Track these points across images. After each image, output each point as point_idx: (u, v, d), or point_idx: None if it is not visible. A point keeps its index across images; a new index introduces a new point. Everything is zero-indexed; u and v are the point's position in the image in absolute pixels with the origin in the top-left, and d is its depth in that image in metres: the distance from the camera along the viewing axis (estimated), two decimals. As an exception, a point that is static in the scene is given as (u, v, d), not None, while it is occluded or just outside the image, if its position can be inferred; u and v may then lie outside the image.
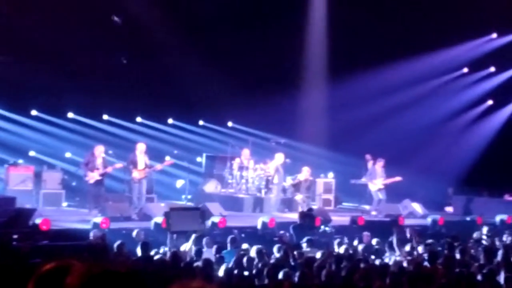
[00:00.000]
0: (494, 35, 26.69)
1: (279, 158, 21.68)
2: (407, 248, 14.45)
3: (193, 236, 14.21)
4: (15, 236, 14.07)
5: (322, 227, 18.13)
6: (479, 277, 11.21)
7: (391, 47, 24.34)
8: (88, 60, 21.61)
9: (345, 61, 24.31)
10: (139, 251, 12.80)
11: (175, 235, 14.78)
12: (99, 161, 18.58)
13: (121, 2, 21.97)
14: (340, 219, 19.73)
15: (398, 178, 21.99)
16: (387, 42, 24.26)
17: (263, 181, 21.87)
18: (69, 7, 20.65)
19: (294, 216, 18.94)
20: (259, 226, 17.46)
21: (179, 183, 22.85)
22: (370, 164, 23.15)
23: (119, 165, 19.20)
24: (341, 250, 14.15)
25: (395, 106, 25.31)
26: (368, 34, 24.48)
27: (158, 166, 19.79)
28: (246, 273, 11.35)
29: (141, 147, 19.06)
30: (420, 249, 14.40)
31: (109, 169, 18.81)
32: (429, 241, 15.66)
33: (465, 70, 27.42)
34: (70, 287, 3.37)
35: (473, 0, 23.80)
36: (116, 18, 22.47)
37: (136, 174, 18.77)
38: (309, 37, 26.35)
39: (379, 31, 24.27)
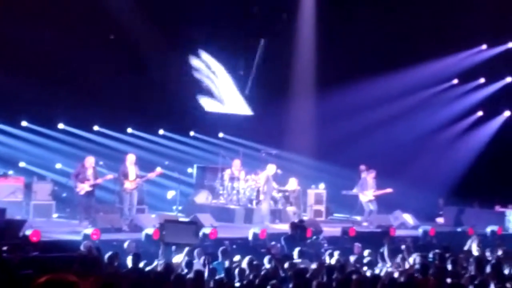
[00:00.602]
0: (484, 47, 26.80)
1: (271, 169, 21.68)
2: (398, 259, 14.43)
3: (186, 249, 14.17)
4: (4, 248, 13.98)
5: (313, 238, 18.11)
6: (470, 288, 11.21)
7: (381, 58, 24.46)
8: (79, 71, 21.60)
9: (335, 72, 24.39)
10: (129, 263, 12.75)
11: (169, 247, 14.73)
12: (89, 172, 18.55)
13: (113, 16, 21.96)
14: (332, 230, 19.72)
15: (389, 190, 22.01)
16: (377, 54, 24.38)
17: (254, 192, 21.86)
18: (61, 19, 20.66)
19: (285, 227, 18.92)
20: (250, 237, 17.41)
21: (170, 194, 22.80)
22: (364, 174, 23.14)
23: (110, 176, 19.17)
24: (333, 261, 14.11)
25: (386, 118, 25.37)
26: (357, 46, 24.59)
27: (150, 175, 19.76)
28: (237, 284, 11.32)
29: (131, 158, 19.07)
30: (411, 260, 14.37)
31: (99, 181, 18.78)
32: (420, 252, 15.63)
33: (455, 81, 27.51)
34: None
35: (462, 12, 23.90)
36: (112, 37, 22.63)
37: (128, 185, 18.75)
38: (299, 48, 26.42)
39: (369, 42, 24.40)
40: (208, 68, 26.37)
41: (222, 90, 26.71)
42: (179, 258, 13.70)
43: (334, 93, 24.35)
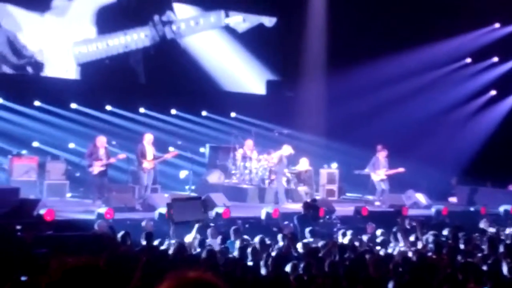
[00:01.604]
0: (497, 25, 26.64)
1: (286, 149, 21.51)
2: (412, 238, 14.44)
3: (196, 225, 14.25)
4: (18, 227, 14.09)
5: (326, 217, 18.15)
6: (484, 267, 11.20)
7: (393, 37, 24.32)
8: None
9: (347, 51, 24.31)
10: (143, 241, 12.83)
11: (180, 226, 14.82)
12: (101, 152, 18.62)
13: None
14: (344, 209, 19.72)
15: (401, 169, 21.96)
16: (389, 33, 24.25)
17: (266, 172, 21.88)
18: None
19: (297, 207, 18.94)
20: (263, 217, 17.45)
21: (183, 174, 22.85)
22: (380, 154, 22.85)
23: (122, 155, 19.22)
24: (345, 240, 14.14)
25: (398, 97, 25.28)
26: (369, 25, 24.48)
27: (166, 156, 19.83)
28: (250, 263, 11.36)
29: (148, 137, 19.12)
30: (425, 239, 14.38)
31: (112, 160, 18.87)
32: (433, 231, 15.64)
33: (468, 60, 27.37)
34: (52, 276, 3.44)
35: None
36: None
37: (146, 165, 18.81)
38: (310, 27, 26.34)
39: (381, 21, 24.26)
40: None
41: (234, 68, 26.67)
42: (190, 237, 13.77)
43: (346, 73, 24.26)
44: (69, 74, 23.12)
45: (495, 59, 27.12)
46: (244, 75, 26.75)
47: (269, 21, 26.37)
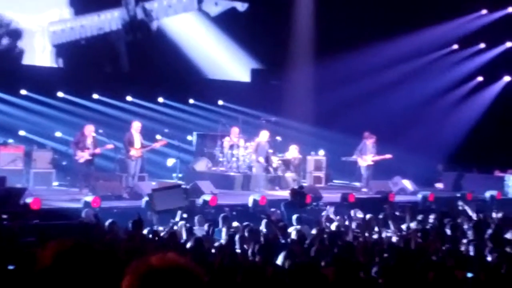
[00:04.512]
0: (484, 11, 26.67)
1: (263, 135, 21.75)
2: (398, 224, 14.49)
3: (179, 212, 14.31)
4: (5, 216, 14.04)
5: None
6: (470, 253, 11.27)
7: (379, 24, 24.34)
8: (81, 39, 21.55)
9: (334, 39, 24.29)
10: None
11: (164, 215, 14.87)
12: (89, 141, 18.55)
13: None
14: (331, 196, 19.77)
15: (388, 156, 22.02)
16: (375, 20, 24.27)
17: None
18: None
19: (285, 194, 18.98)
20: (250, 204, 17.46)
21: (170, 162, 22.83)
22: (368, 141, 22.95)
23: (110, 146, 19.13)
24: (332, 227, 14.18)
25: (385, 84, 25.31)
26: (356, 12, 24.46)
27: (155, 145, 19.82)
28: (238, 251, 11.37)
29: (136, 125, 19.11)
30: (412, 225, 14.44)
31: (98, 150, 18.73)
32: (420, 217, 15.71)
33: (455, 46, 27.42)
34: (43, 262, 3.29)
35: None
36: None
37: (134, 153, 18.80)
38: (297, 14, 26.31)
39: (367, 8, 24.26)
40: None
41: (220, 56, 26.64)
42: (177, 225, 13.77)
43: (333, 60, 24.24)
44: (45, 55, 23.06)
45: (482, 45, 27.17)
46: (228, 62, 26.72)
47: (241, 6, 26.22)
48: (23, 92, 22.42)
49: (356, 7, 24.39)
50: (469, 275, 8.93)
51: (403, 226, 14.44)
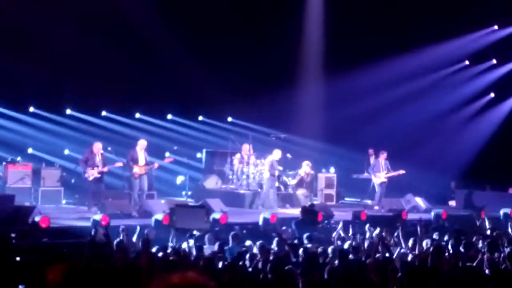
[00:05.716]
0: (495, 27, 26.54)
1: (276, 154, 21.52)
2: (411, 242, 14.27)
3: (196, 233, 14.10)
4: (13, 235, 13.91)
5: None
6: (486, 271, 11.04)
7: (390, 41, 24.18)
8: (87, 57, 21.42)
9: (344, 55, 24.16)
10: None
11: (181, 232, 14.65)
12: (98, 158, 18.46)
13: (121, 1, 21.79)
14: (343, 214, 19.55)
15: (401, 171, 21.86)
16: (387, 35, 24.10)
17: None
18: (71, 7, 20.60)
19: (296, 212, 18.77)
20: (260, 222, 17.29)
21: (179, 180, 22.69)
22: (372, 159, 22.99)
23: (118, 164, 19.06)
24: (345, 245, 13.96)
25: (397, 100, 25.15)
26: (367, 27, 24.33)
27: (161, 163, 19.70)
28: (249, 269, 11.18)
29: (142, 144, 19.03)
30: (425, 243, 14.20)
31: (106, 169, 18.62)
32: (435, 235, 15.49)
33: (467, 62, 27.25)
34: (53, 283, 3.26)
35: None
36: None
37: (137, 170, 18.68)
38: (307, 31, 26.20)
39: (378, 24, 24.12)
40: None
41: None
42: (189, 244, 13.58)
43: (343, 76, 24.12)
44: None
45: (494, 61, 27.00)
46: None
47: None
48: (32, 109, 22.36)
49: (366, 24, 24.26)
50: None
51: (417, 244, 14.20)
